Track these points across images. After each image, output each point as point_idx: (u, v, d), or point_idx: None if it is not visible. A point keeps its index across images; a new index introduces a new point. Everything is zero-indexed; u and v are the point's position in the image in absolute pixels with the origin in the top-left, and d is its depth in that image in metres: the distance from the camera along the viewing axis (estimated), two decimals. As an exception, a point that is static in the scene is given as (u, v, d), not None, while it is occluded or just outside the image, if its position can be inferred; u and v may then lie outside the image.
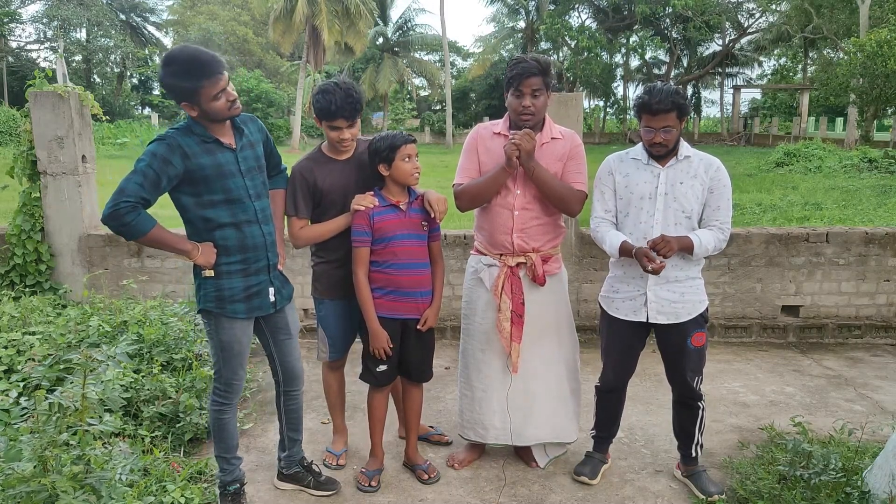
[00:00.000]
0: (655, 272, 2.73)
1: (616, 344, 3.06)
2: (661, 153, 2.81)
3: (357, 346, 3.21)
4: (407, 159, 2.90)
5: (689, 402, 3.04)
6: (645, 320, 2.92)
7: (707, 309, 2.96)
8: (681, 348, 2.92)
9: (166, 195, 2.60)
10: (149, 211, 2.55)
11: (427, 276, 3.02)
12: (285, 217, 3.05)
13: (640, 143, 2.92)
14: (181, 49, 2.48)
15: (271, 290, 2.75)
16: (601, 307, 3.10)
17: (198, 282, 2.68)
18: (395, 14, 42.13)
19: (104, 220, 2.45)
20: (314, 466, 3.11)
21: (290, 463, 3.06)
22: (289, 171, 3.07)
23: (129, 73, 45.36)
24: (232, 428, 2.85)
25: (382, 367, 3.02)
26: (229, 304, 2.65)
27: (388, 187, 2.97)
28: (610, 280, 3.05)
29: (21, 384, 3.33)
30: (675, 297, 2.88)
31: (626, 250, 2.85)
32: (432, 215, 2.97)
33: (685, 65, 42.03)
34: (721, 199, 2.83)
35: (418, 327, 3.00)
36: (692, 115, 40.43)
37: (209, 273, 2.62)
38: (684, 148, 2.86)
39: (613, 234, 2.92)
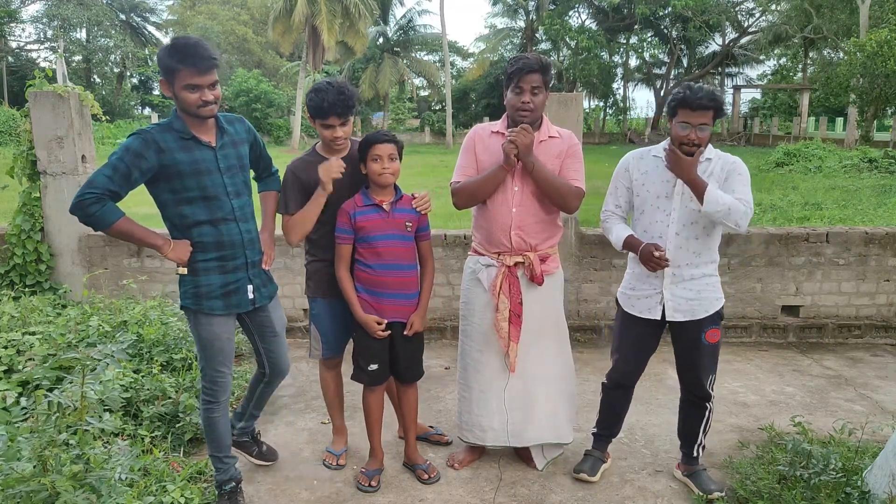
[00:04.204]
0: (660, 266, 2.76)
1: (629, 340, 3.05)
2: (691, 153, 2.73)
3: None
4: (376, 160, 2.89)
5: (698, 402, 3.03)
6: (659, 318, 2.92)
7: (723, 307, 2.95)
8: (695, 344, 2.92)
9: (148, 193, 2.65)
10: (137, 212, 2.61)
11: (412, 277, 3.01)
12: (279, 216, 3.07)
13: (666, 140, 2.89)
14: (188, 35, 2.58)
15: (250, 287, 2.77)
16: (618, 303, 3.10)
17: (179, 279, 2.72)
18: (395, 14, 42.08)
19: (71, 210, 2.48)
20: (259, 437, 3.31)
21: (242, 433, 3.21)
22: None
23: (129, 73, 45.35)
24: (223, 427, 2.87)
25: (374, 367, 3.02)
26: (206, 301, 2.68)
27: (371, 186, 2.98)
28: (628, 276, 3.05)
29: (21, 384, 3.33)
30: (692, 294, 2.88)
31: (630, 245, 2.87)
32: (413, 204, 2.98)
33: (685, 65, 42.02)
34: (736, 183, 2.77)
35: (405, 333, 3.00)
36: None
37: (182, 270, 2.65)
38: (707, 150, 2.82)
39: (621, 227, 2.96)
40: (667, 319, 2.92)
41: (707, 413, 3.03)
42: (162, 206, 2.64)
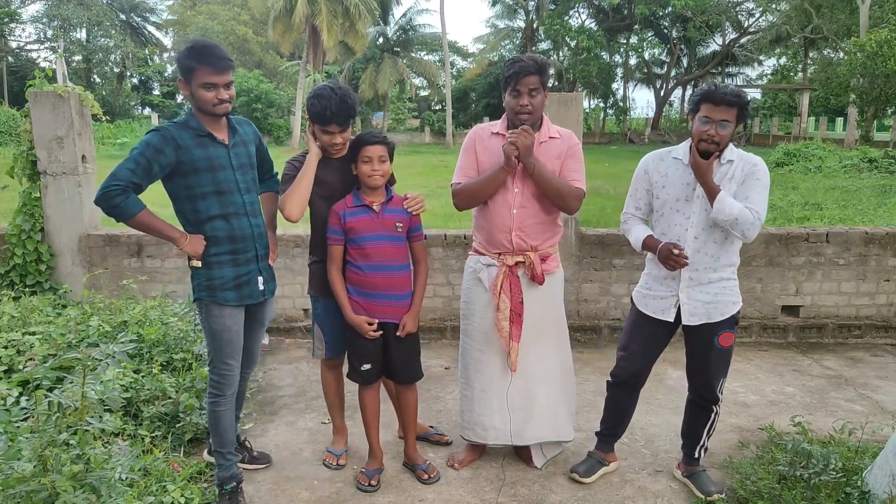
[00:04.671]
0: (679, 264, 2.72)
1: (640, 339, 3.03)
2: (711, 150, 2.70)
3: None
4: (367, 161, 2.89)
5: (705, 404, 3.02)
6: (672, 321, 2.91)
7: (739, 311, 2.92)
8: (708, 348, 2.89)
9: (162, 188, 2.76)
10: (153, 209, 2.70)
11: (403, 278, 3.00)
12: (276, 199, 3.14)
13: (686, 142, 2.88)
14: (207, 39, 2.76)
15: (260, 279, 2.91)
16: (633, 302, 3.08)
17: (192, 272, 2.82)
18: (395, 14, 42.05)
19: (96, 201, 2.62)
20: (247, 443, 3.29)
21: None
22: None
23: (129, 73, 45.30)
24: (228, 422, 2.92)
25: (367, 366, 3.03)
26: (220, 292, 2.79)
27: (362, 187, 2.98)
28: (645, 277, 3.03)
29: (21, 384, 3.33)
30: (709, 297, 2.85)
31: (649, 245, 2.86)
32: (404, 205, 2.97)
33: (685, 65, 42.03)
34: (751, 189, 2.73)
35: (397, 334, 2.98)
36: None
37: (196, 263, 2.77)
38: (728, 152, 2.78)
39: (640, 227, 2.94)
40: (683, 323, 2.89)
41: (713, 416, 3.02)
42: (177, 201, 2.76)
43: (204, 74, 2.61)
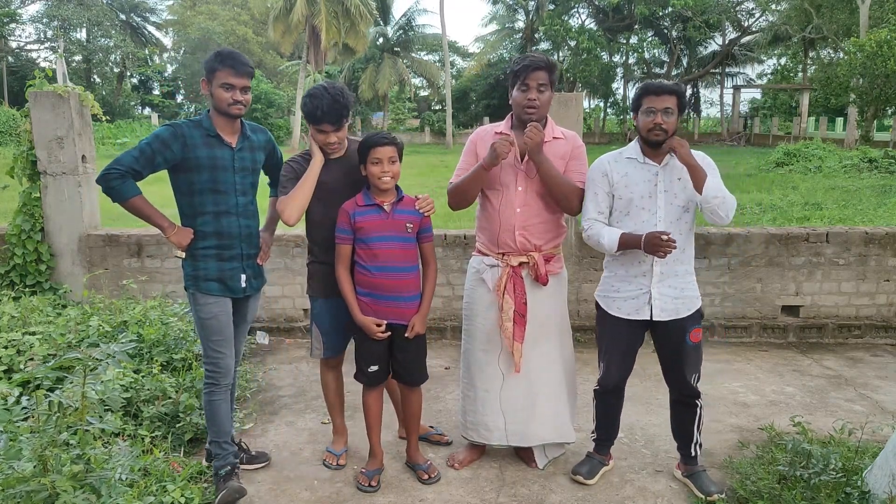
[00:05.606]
0: (670, 249, 2.70)
1: (618, 344, 3.04)
2: (661, 139, 2.78)
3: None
4: (376, 163, 2.88)
5: (688, 401, 3.04)
6: (648, 318, 2.91)
7: (702, 306, 2.98)
8: (679, 345, 2.93)
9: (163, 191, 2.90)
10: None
11: (412, 279, 2.98)
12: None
13: (633, 142, 2.93)
14: (233, 48, 2.96)
15: (243, 276, 3.01)
16: (599, 307, 3.08)
17: (182, 263, 2.98)
18: (395, 14, 42.07)
19: (97, 180, 2.81)
20: (242, 444, 3.31)
21: None
22: None
23: (129, 73, 45.31)
24: (223, 412, 2.99)
25: (374, 368, 3.02)
26: (203, 283, 2.93)
27: (372, 188, 2.97)
28: (608, 279, 3.03)
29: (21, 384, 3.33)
30: (676, 292, 2.89)
31: (629, 242, 2.81)
32: (416, 206, 2.97)
33: (685, 65, 42.03)
34: (714, 178, 2.80)
35: (406, 335, 2.97)
36: (692, 114, 40.51)
37: (180, 254, 2.94)
38: None
39: (609, 229, 2.90)
40: (654, 319, 2.91)
41: (698, 411, 3.04)
42: (177, 192, 2.92)
43: (224, 75, 2.79)
